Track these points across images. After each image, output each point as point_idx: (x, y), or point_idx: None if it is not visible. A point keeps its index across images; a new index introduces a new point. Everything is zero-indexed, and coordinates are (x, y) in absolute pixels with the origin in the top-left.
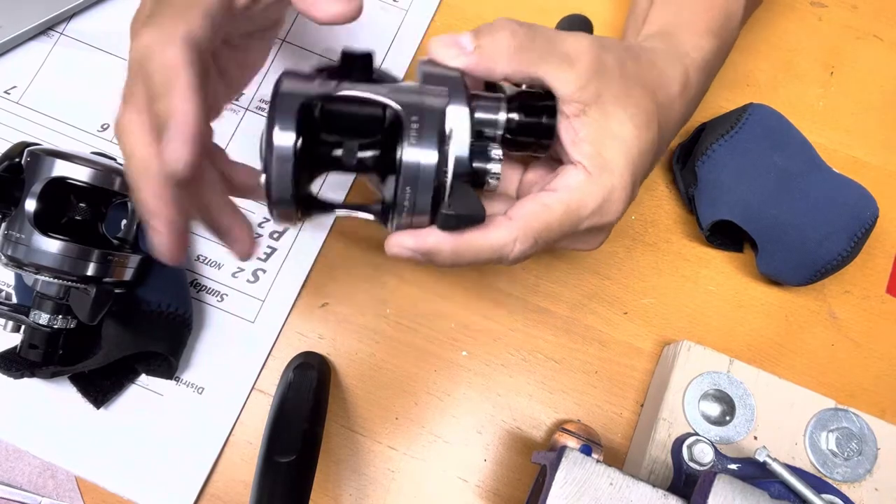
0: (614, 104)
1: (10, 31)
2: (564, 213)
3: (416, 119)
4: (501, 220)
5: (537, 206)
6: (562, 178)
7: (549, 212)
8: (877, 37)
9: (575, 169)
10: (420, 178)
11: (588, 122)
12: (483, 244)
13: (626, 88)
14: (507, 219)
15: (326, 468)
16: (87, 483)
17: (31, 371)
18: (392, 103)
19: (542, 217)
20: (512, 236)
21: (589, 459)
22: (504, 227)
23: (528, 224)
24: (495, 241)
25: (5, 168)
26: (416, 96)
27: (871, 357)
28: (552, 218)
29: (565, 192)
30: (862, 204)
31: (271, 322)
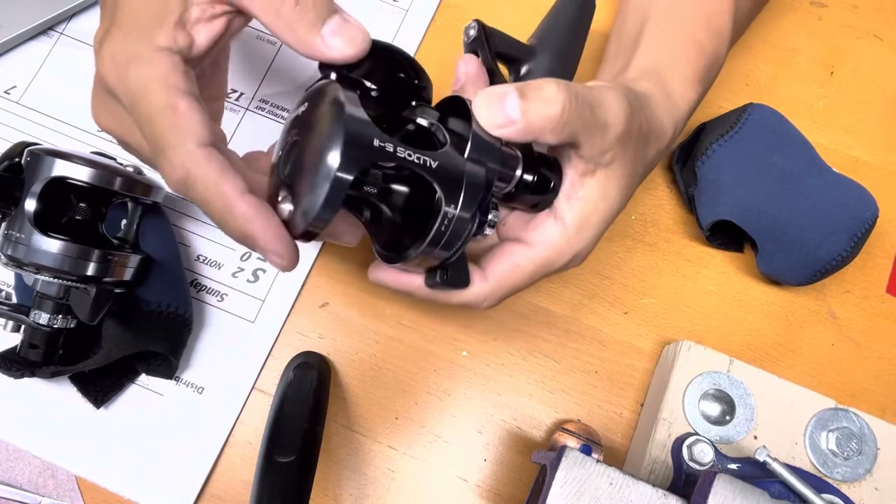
0: (619, 170)
1: (10, 31)
2: (535, 271)
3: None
4: (476, 278)
5: (510, 266)
6: (540, 230)
7: (520, 272)
8: (877, 37)
9: (555, 224)
10: (443, 243)
11: (589, 184)
12: (457, 299)
13: (633, 156)
14: (482, 278)
15: (326, 468)
16: (87, 483)
17: (31, 371)
18: (436, 184)
19: (513, 277)
20: (483, 295)
21: (589, 459)
22: (477, 286)
23: (501, 284)
24: (468, 299)
25: (5, 168)
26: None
27: (871, 357)
28: (523, 277)
29: (540, 250)
30: (862, 204)
31: (271, 322)
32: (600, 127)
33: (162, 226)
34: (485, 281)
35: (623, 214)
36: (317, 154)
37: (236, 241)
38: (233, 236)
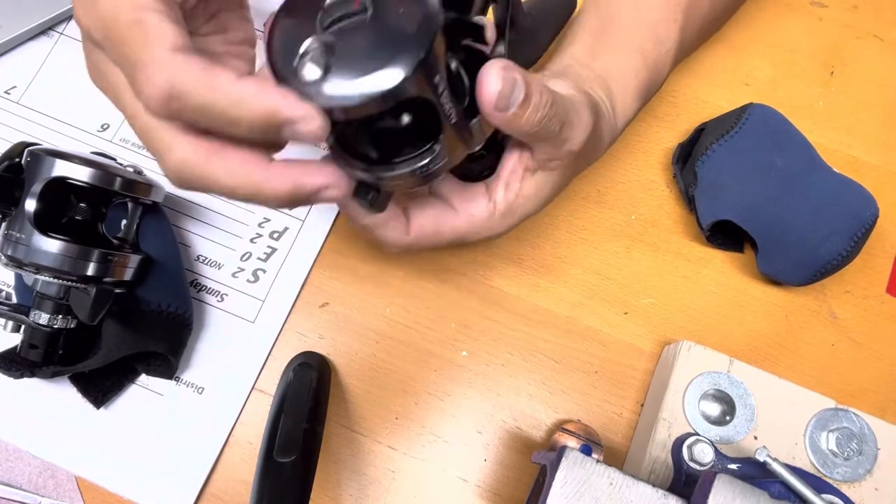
0: (558, 175)
1: (10, 31)
2: (452, 238)
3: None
4: (399, 228)
5: (433, 229)
6: (471, 203)
7: (440, 236)
8: (877, 37)
9: (487, 203)
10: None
11: (530, 181)
12: (374, 234)
13: (574, 166)
14: (404, 230)
15: (326, 468)
16: (87, 483)
17: (31, 371)
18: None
19: (433, 238)
20: (401, 245)
21: (589, 459)
22: (399, 236)
23: (418, 241)
24: (385, 238)
25: (5, 168)
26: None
27: (871, 357)
28: (440, 240)
29: (465, 221)
30: (862, 204)
31: (271, 322)
32: (562, 141)
33: (162, 226)
34: (406, 235)
35: (623, 214)
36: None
37: (255, 131)
38: (251, 126)
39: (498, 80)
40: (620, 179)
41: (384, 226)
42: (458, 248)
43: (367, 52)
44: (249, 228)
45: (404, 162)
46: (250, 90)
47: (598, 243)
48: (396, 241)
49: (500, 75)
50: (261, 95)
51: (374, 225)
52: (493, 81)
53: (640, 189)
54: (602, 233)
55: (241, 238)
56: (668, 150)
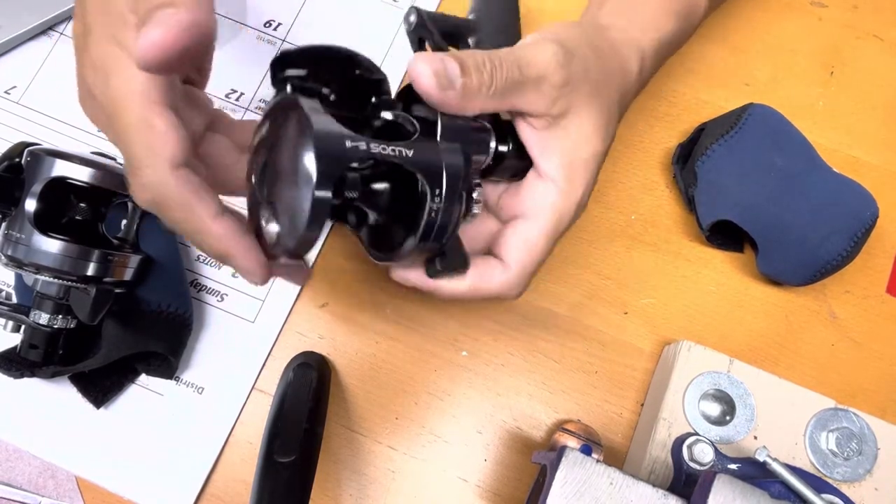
0: (580, 113)
1: (10, 31)
2: (548, 239)
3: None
4: (497, 267)
5: (524, 246)
6: (534, 197)
7: (536, 247)
8: (877, 37)
9: (545, 186)
10: (434, 234)
11: (558, 135)
12: (486, 292)
13: (592, 94)
14: (503, 268)
15: (326, 468)
16: (87, 483)
17: (31, 371)
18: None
19: (531, 255)
20: (510, 284)
21: (589, 459)
22: (501, 275)
23: (523, 267)
24: (496, 290)
25: (5, 168)
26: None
27: (871, 357)
28: (540, 250)
29: (543, 216)
30: (862, 204)
31: (271, 322)
32: (533, 82)
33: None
34: (507, 269)
35: (623, 214)
36: (292, 173)
37: (210, 255)
38: (208, 254)
39: (425, 65)
40: (620, 179)
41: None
42: None
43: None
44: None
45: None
46: (218, 232)
47: (598, 243)
48: (503, 285)
49: (425, 61)
50: (224, 240)
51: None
52: (422, 70)
53: (640, 189)
54: (602, 233)
55: None
56: (668, 150)
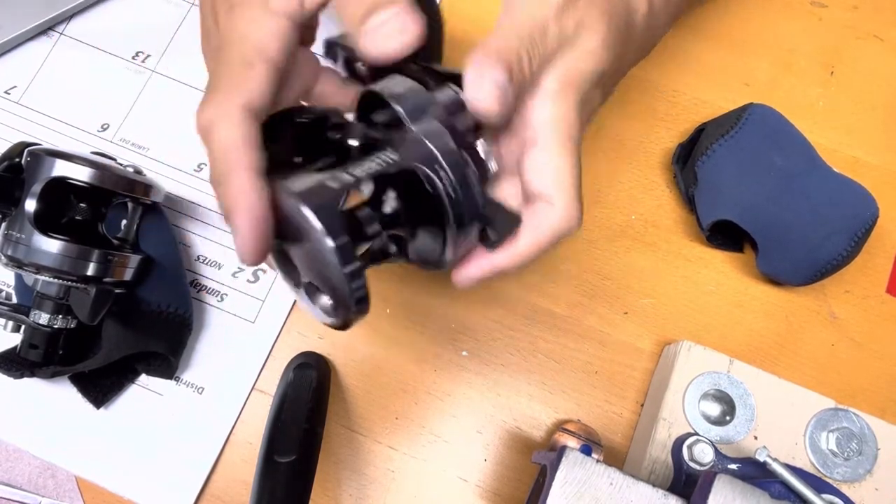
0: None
1: (10, 31)
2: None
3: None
4: (542, 206)
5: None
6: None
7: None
8: (877, 37)
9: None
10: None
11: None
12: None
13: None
14: (546, 203)
15: (326, 468)
16: (87, 483)
17: (31, 371)
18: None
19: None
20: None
21: (589, 459)
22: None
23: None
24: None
25: (5, 168)
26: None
27: (871, 357)
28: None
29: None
30: (862, 204)
31: (271, 322)
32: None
33: (162, 226)
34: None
35: (623, 214)
36: (308, 245)
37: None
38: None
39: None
40: (620, 179)
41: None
42: None
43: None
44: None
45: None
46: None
47: (598, 243)
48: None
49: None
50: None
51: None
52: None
53: (640, 189)
54: (602, 233)
55: None
56: (668, 150)
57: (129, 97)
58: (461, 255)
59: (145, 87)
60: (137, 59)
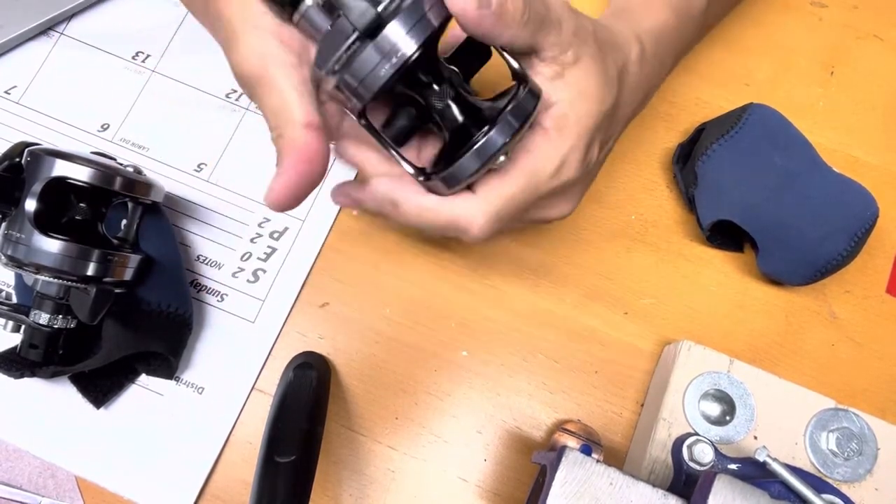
0: (589, 66)
1: (10, 31)
2: (525, 182)
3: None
4: (466, 194)
5: (498, 180)
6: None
7: (509, 185)
8: (877, 37)
9: (533, 130)
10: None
11: (562, 86)
12: (447, 215)
13: (596, 54)
14: (470, 194)
15: (326, 468)
16: (87, 483)
17: (31, 371)
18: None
19: (503, 190)
20: (473, 213)
21: (589, 459)
22: (467, 203)
23: (489, 201)
24: (459, 214)
25: (5, 168)
26: None
27: (872, 357)
28: (513, 189)
29: (524, 157)
30: (862, 204)
31: (271, 322)
32: (555, 23)
33: (162, 226)
34: (475, 196)
35: (623, 214)
36: None
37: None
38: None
39: None
40: (620, 179)
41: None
42: (458, 247)
43: None
44: (249, 228)
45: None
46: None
47: (598, 243)
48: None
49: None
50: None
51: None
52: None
53: (640, 189)
54: (602, 233)
55: (241, 238)
56: (668, 150)
57: (129, 97)
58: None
59: (145, 87)
60: (137, 59)
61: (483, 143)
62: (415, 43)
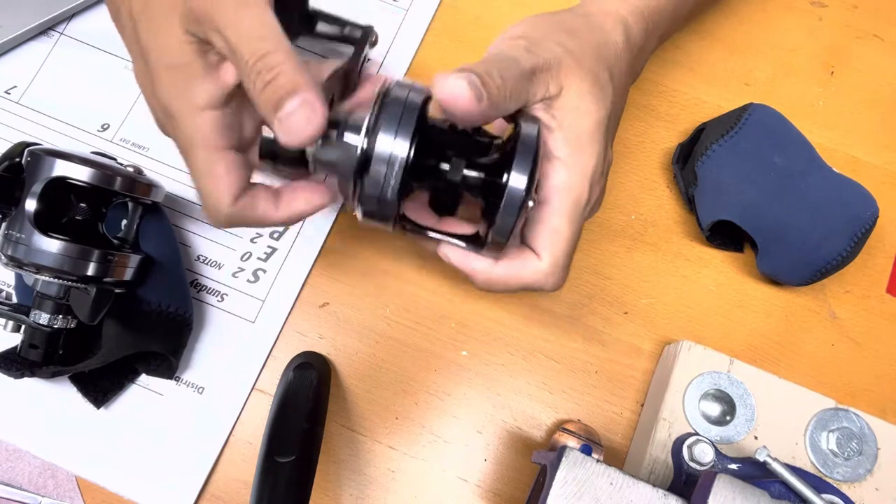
0: (571, 88)
1: (10, 31)
2: (573, 220)
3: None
4: (530, 257)
5: (550, 232)
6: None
7: (561, 234)
8: (877, 37)
9: (554, 166)
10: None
11: (556, 115)
12: (517, 282)
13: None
14: (535, 257)
15: (326, 468)
16: (87, 483)
17: (31, 371)
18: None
19: (559, 243)
20: (545, 273)
21: (589, 459)
22: (535, 265)
23: (554, 257)
24: (530, 280)
25: (5, 168)
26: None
27: (872, 357)
28: (566, 236)
29: (560, 200)
30: (862, 204)
31: (271, 322)
32: (536, 74)
33: (162, 226)
34: (540, 260)
35: (623, 214)
36: None
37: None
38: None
39: (461, 81)
40: (620, 179)
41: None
42: None
43: None
44: (249, 228)
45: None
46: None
47: (598, 243)
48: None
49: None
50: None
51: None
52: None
53: (640, 189)
54: (602, 233)
55: (241, 238)
56: (668, 150)
57: (129, 97)
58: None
59: None
60: None
61: (506, 198)
62: (406, 142)
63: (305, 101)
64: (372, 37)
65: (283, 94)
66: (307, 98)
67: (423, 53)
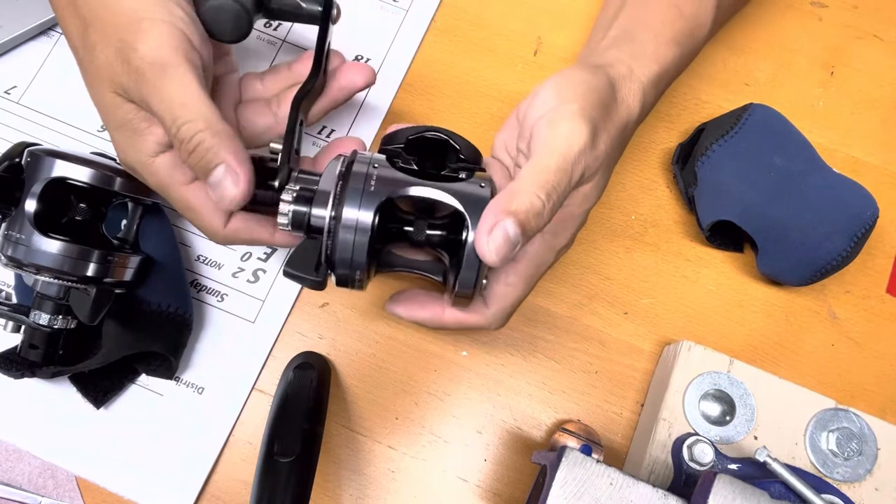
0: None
1: (10, 31)
2: (527, 282)
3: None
4: (478, 303)
5: (502, 287)
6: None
7: (515, 290)
8: (877, 37)
9: None
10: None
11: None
12: (465, 325)
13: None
14: (483, 305)
15: (326, 468)
16: (87, 483)
17: (31, 371)
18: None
19: (510, 297)
20: (488, 319)
21: (589, 459)
22: (481, 311)
23: (502, 308)
24: (475, 323)
25: (5, 168)
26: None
27: (872, 357)
28: (518, 293)
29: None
30: (862, 204)
31: (271, 322)
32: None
33: (162, 226)
34: (486, 308)
35: (623, 214)
36: None
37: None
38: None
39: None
40: (620, 180)
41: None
42: None
43: None
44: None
45: None
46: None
47: (598, 243)
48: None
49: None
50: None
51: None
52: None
53: (640, 189)
54: (602, 233)
55: None
56: (668, 150)
57: None
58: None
59: None
60: None
61: (467, 256)
62: (371, 212)
63: (228, 169)
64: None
65: (205, 163)
66: (229, 166)
67: (423, 53)
